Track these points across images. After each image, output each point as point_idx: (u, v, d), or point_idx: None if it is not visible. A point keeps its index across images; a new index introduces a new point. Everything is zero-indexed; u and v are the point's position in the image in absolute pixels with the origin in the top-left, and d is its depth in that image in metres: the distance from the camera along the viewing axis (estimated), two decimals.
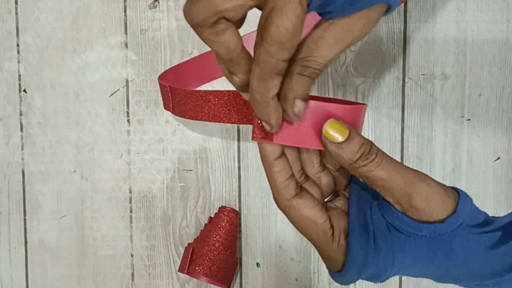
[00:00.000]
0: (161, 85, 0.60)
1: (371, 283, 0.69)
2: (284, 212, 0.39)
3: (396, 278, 0.69)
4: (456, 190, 0.39)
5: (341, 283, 0.40)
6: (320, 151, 0.41)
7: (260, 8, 0.33)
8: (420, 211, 0.37)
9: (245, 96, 0.38)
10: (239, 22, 0.34)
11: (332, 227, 0.39)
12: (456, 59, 0.67)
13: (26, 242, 0.72)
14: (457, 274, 0.38)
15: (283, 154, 0.39)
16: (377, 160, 0.37)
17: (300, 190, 0.40)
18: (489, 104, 0.67)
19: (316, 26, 0.36)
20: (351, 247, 0.38)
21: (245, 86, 0.36)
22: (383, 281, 0.39)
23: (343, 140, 0.36)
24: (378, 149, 0.37)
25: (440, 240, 0.37)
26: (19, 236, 0.72)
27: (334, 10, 0.34)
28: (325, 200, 0.42)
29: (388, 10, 0.37)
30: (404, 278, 0.69)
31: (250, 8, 0.33)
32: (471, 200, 0.39)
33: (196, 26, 0.33)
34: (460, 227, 0.37)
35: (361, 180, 0.40)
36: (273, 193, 0.40)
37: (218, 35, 0.33)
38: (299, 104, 0.36)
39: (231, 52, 0.34)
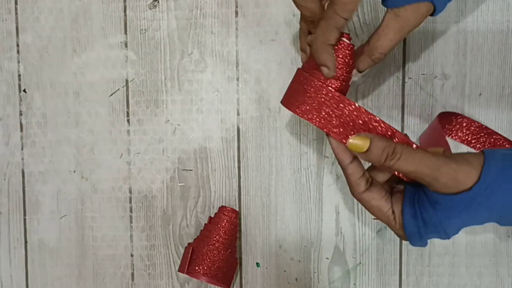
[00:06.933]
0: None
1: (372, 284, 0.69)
2: (358, 201, 0.50)
3: (396, 278, 0.69)
4: (484, 152, 0.46)
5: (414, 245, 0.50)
6: None
7: None
8: (448, 188, 0.45)
9: (302, 56, 0.55)
10: None
11: (393, 212, 0.49)
12: (456, 59, 0.67)
13: (26, 242, 0.72)
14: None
15: (354, 159, 0.49)
16: (403, 158, 0.45)
17: (370, 185, 0.49)
18: (489, 104, 0.67)
19: (384, 18, 0.50)
20: (406, 225, 0.48)
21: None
22: (451, 235, 0.47)
23: (365, 150, 0.46)
24: (402, 147, 0.46)
25: (476, 201, 0.44)
26: (19, 236, 0.72)
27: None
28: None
29: (434, 11, 0.49)
30: (404, 277, 0.69)
31: None
32: (500, 157, 0.45)
33: None
34: (492, 185, 0.44)
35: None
36: (349, 188, 0.50)
37: (307, 2, 0.49)
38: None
39: (314, 16, 0.50)
